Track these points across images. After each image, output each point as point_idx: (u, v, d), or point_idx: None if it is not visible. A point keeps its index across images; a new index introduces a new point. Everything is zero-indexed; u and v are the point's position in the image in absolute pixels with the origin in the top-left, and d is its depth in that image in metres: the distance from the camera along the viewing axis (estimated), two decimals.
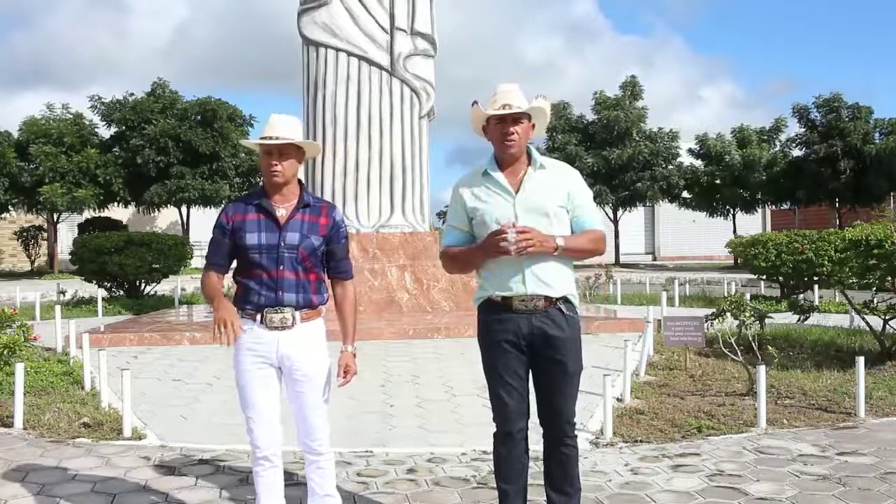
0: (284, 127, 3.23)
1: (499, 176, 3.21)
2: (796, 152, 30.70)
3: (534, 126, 3.25)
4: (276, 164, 3.20)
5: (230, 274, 3.39)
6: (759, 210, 34.62)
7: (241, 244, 3.22)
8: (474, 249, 3.19)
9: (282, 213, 3.25)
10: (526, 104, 3.16)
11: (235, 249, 3.27)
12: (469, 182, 3.28)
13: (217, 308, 3.20)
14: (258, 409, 3.28)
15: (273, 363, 3.26)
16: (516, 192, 3.17)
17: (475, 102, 3.22)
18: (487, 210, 3.18)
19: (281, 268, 3.20)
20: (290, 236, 3.21)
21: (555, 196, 3.19)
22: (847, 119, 28.98)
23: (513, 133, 3.15)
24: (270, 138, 3.19)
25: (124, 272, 14.58)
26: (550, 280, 3.14)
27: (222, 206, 25.40)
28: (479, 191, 3.23)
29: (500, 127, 3.16)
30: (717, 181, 31.30)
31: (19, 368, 5.68)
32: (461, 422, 5.70)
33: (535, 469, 3.56)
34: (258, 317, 3.22)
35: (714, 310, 7.74)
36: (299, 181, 3.34)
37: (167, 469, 4.58)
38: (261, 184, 3.39)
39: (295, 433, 3.38)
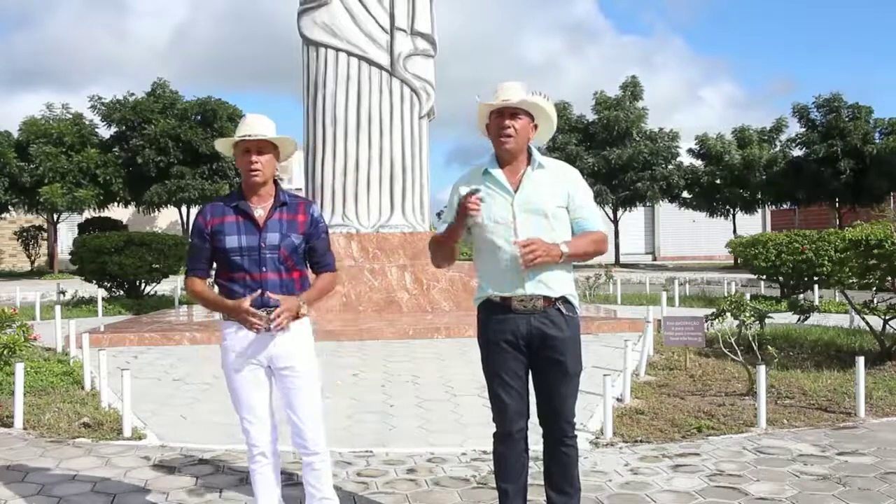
0: (260, 125, 3.23)
1: (499, 174, 3.20)
2: (796, 152, 30.69)
3: (536, 127, 3.24)
4: (255, 162, 3.20)
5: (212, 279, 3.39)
6: (759, 210, 34.60)
7: (221, 247, 3.21)
8: (452, 225, 3.19)
9: (260, 213, 3.24)
10: (524, 99, 3.15)
11: (215, 253, 3.25)
12: (469, 180, 3.27)
13: (224, 307, 3.20)
14: (252, 410, 3.28)
15: (262, 363, 3.25)
16: (515, 191, 3.17)
17: (478, 97, 3.22)
18: (486, 209, 3.18)
19: (264, 269, 3.19)
20: (270, 237, 3.20)
21: (554, 196, 3.18)
22: (847, 119, 28.98)
23: (509, 127, 3.14)
24: (248, 136, 3.19)
25: (124, 272, 14.58)
26: (549, 280, 3.14)
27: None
28: (480, 190, 3.22)
29: (497, 121, 3.17)
30: (717, 181, 31.30)
31: (19, 368, 5.68)
32: (461, 422, 5.70)
33: (535, 469, 3.57)
34: None
35: (714, 310, 7.74)
36: (275, 180, 3.33)
37: (167, 469, 4.58)
38: (238, 185, 3.38)
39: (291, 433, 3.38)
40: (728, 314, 7.37)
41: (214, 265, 3.33)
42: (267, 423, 3.31)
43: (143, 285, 15.47)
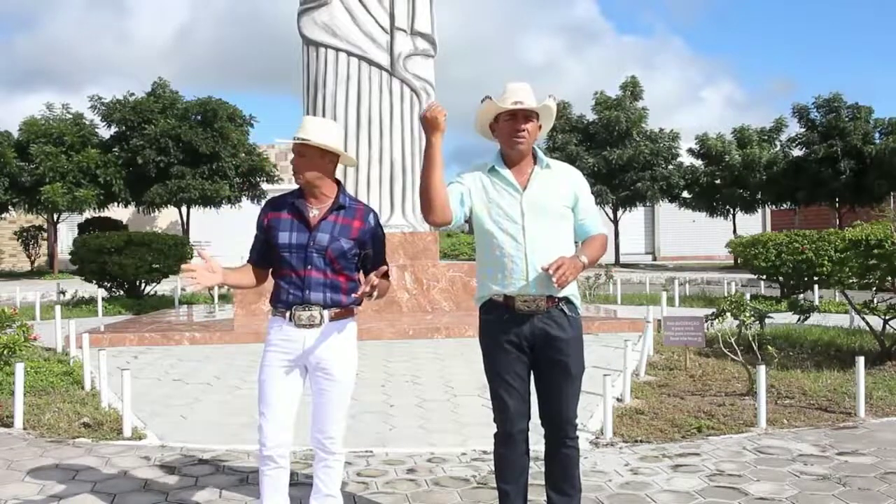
0: (320, 133, 3.23)
1: (506, 172, 3.22)
2: (796, 152, 30.68)
3: (540, 127, 3.26)
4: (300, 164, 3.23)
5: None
6: (759, 210, 34.58)
7: (274, 243, 3.28)
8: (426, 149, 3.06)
9: (314, 213, 3.27)
10: (536, 103, 3.17)
11: (270, 247, 3.31)
12: (477, 175, 3.27)
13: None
14: (272, 408, 3.28)
15: (299, 362, 3.28)
16: (524, 189, 3.18)
17: (486, 98, 3.21)
18: (492, 206, 3.18)
19: (308, 267, 3.22)
20: (319, 237, 3.23)
21: (562, 196, 3.20)
22: (847, 119, 28.96)
23: (523, 130, 3.16)
24: (302, 139, 3.21)
25: (124, 272, 14.57)
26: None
27: (222, 205, 24.78)
28: (487, 185, 3.23)
29: (510, 123, 3.17)
30: (717, 181, 31.29)
31: (19, 368, 5.67)
32: (461, 422, 5.70)
33: (536, 469, 3.57)
34: (287, 314, 3.25)
35: (714, 310, 7.74)
36: (338, 182, 3.35)
37: (167, 469, 4.58)
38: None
39: (300, 434, 3.38)
40: (728, 314, 7.37)
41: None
42: (283, 426, 3.29)
43: (143, 285, 15.47)
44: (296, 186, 3.38)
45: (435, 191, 3.05)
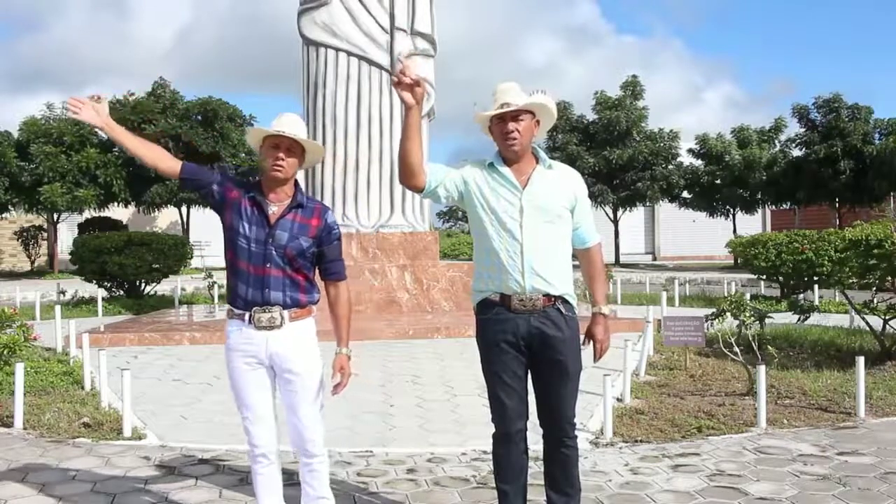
0: (295, 125, 3.24)
1: (505, 170, 3.20)
2: (796, 152, 30.67)
3: (538, 123, 3.24)
4: (281, 159, 3.19)
5: (219, 277, 3.40)
6: (759, 210, 34.58)
7: (230, 223, 3.21)
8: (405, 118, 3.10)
9: (273, 210, 3.23)
10: (524, 101, 3.15)
11: (223, 221, 3.24)
12: (477, 169, 3.25)
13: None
14: (253, 409, 3.28)
15: (264, 362, 3.24)
16: (523, 188, 3.18)
17: (475, 104, 3.22)
18: (490, 203, 3.17)
19: (268, 265, 3.18)
20: (279, 235, 3.19)
21: (562, 197, 3.20)
22: (847, 119, 28.94)
23: (513, 131, 3.14)
24: (282, 133, 3.19)
25: (124, 272, 14.57)
26: (550, 277, 3.14)
27: None
28: (486, 180, 3.22)
29: (500, 126, 3.17)
30: (717, 181, 31.30)
31: (19, 368, 5.68)
32: (461, 422, 5.70)
33: (535, 469, 3.57)
34: (247, 316, 3.21)
35: (714, 310, 7.73)
36: (296, 182, 3.33)
37: (167, 469, 4.58)
38: (256, 179, 3.35)
39: (287, 434, 3.38)
40: (728, 314, 7.36)
41: (225, 250, 3.30)
42: (268, 423, 3.30)
43: (143, 285, 15.47)
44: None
45: (408, 155, 3.11)
